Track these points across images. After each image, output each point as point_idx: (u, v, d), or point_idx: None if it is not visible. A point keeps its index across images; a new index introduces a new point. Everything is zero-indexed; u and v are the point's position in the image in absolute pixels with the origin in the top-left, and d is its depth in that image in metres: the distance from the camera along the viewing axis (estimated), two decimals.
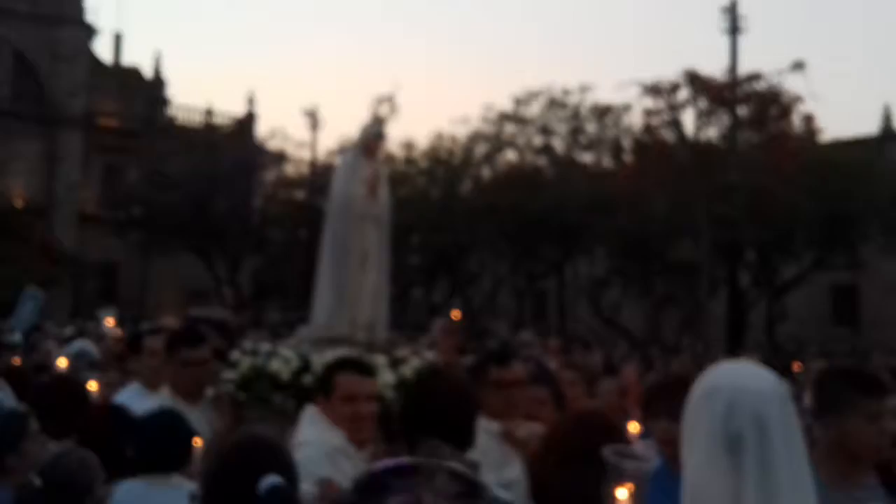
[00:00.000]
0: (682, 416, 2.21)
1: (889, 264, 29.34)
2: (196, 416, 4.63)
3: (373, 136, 7.36)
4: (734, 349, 22.83)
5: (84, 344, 11.64)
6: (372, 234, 7.23)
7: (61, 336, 12.54)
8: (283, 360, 6.82)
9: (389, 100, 6.92)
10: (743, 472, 2.06)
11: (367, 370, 4.30)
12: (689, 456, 2.15)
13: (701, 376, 2.25)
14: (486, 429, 3.85)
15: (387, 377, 6.39)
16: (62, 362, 7.92)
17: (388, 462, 1.86)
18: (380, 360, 6.63)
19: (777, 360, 15.23)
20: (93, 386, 5.59)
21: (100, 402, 5.01)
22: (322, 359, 6.68)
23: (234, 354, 7.15)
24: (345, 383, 4.03)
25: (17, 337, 11.03)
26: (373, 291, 7.27)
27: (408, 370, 6.78)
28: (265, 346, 7.28)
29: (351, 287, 7.13)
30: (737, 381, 2.16)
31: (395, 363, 6.85)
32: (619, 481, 2.24)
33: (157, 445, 3.61)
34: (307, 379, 6.52)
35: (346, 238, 7.10)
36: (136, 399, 4.97)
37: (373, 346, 7.09)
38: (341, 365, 4.26)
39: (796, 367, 13.26)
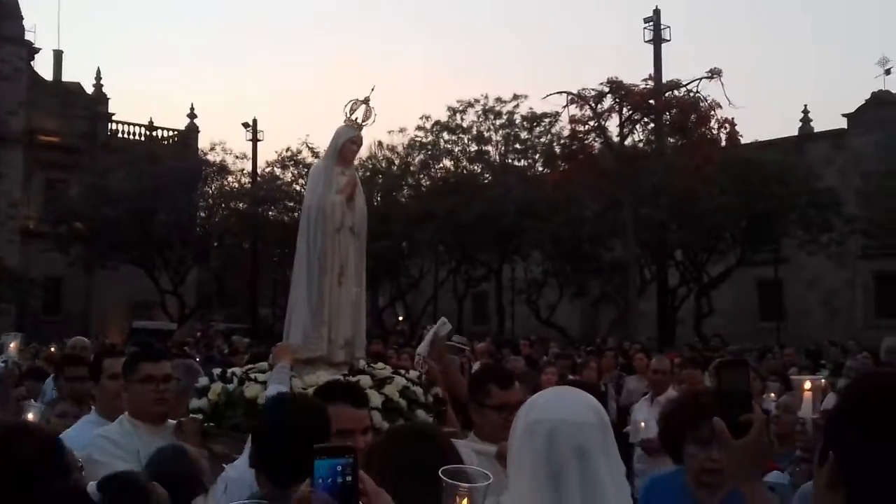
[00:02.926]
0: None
1: (810, 259, 29.40)
2: (159, 444, 3.91)
3: (347, 142, 6.50)
4: (664, 345, 22.53)
5: None
6: (349, 245, 6.38)
7: None
8: (259, 385, 5.96)
9: (365, 103, 6.25)
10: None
11: (361, 400, 3.58)
12: (514, 489, 2.04)
13: (528, 405, 2.14)
14: (480, 451, 3.42)
15: (374, 399, 5.62)
16: None
17: None
18: (364, 381, 5.89)
19: (702, 356, 14.93)
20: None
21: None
22: (302, 382, 5.89)
23: (202, 381, 6.28)
24: (339, 416, 3.35)
25: None
26: (351, 307, 6.42)
27: (392, 390, 6.03)
28: (237, 371, 6.40)
29: (328, 304, 6.28)
30: (557, 413, 2.07)
31: (380, 384, 6.10)
32: (454, 499, 2.03)
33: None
34: None
35: (323, 251, 6.23)
36: (90, 430, 4.28)
37: (352, 367, 6.34)
38: (333, 394, 3.51)
39: None
